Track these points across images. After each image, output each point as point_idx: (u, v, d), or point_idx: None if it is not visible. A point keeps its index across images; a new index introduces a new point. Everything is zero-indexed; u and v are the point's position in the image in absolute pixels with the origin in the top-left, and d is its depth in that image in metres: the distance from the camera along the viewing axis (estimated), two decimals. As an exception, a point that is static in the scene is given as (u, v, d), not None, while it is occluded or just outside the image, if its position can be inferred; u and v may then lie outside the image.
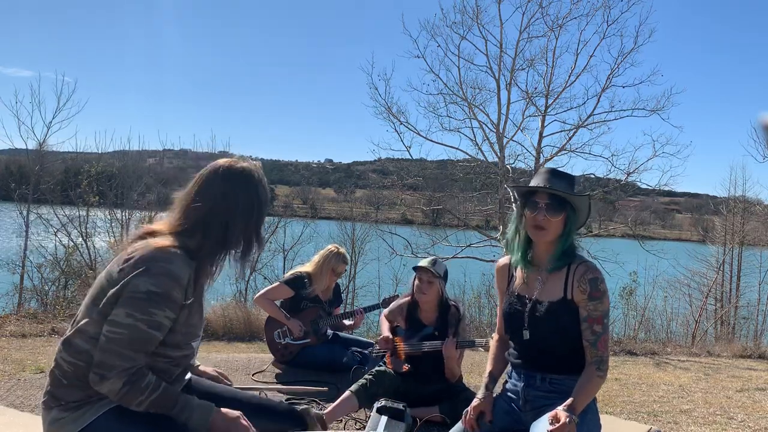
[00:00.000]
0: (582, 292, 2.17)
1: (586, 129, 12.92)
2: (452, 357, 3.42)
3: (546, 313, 2.20)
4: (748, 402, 4.71)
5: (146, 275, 1.64)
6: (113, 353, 1.62)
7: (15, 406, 3.27)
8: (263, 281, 11.02)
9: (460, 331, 3.52)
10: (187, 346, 1.79)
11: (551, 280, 2.23)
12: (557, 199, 2.17)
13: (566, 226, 2.19)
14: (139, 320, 1.62)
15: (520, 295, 2.30)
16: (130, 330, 1.62)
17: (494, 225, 14.13)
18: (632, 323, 10.88)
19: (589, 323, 2.17)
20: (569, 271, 2.21)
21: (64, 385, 1.71)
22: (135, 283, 1.63)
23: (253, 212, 1.82)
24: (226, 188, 1.80)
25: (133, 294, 1.63)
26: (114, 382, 1.61)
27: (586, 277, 2.17)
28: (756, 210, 15.55)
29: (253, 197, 1.83)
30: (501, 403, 2.33)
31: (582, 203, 2.22)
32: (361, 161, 71.28)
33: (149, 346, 1.67)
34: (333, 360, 4.32)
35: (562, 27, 12.55)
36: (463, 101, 12.95)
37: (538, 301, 2.23)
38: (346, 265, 4.56)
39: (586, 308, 2.17)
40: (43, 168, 10.25)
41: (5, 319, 6.26)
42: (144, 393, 1.64)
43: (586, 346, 2.17)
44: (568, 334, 2.19)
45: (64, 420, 1.69)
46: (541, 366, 2.24)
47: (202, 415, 1.73)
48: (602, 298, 2.17)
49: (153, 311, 1.63)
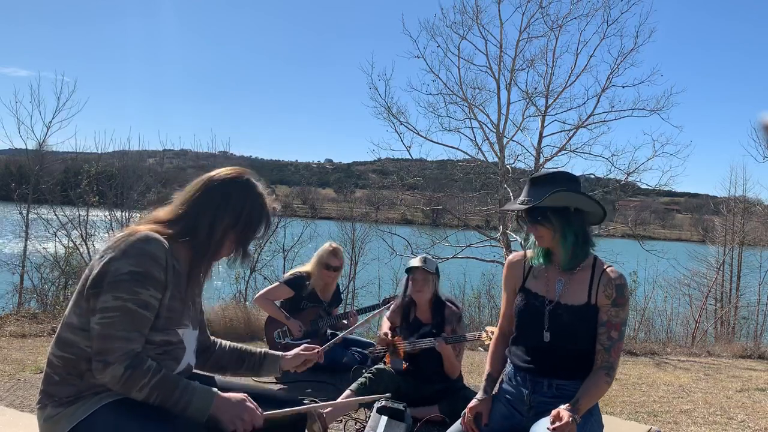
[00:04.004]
0: (607, 297, 2.14)
1: (586, 129, 12.97)
2: (447, 353, 3.43)
3: (570, 317, 2.16)
4: (748, 402, 4.71)
5: (124, 257, 1.66)
6: (111, 338, 1.62)
7: (15, 406, 3.27)
8: (263, 281, 11.02)
9: (458, 329, 3.53)
10: (170, 332, 1.76)
11: (574, 281, 2.19)
12: (533, 211, 2.16)
13: (562, 228, 2.14)
14: (127, 300, 1.63)
15: (537, 294, 2.25)
16: (120, 311, 1.63)
17: (494, 225, 14.14)
18: (632, 323, 10.86)
19: (607, 328, 2.14)
20: (594, 273, 2.18)
21: (56, 381, 1.72)
22: (116, 267, 1.65)
23: (240, 222, 1.84)
24: (225, 191, 1.83)
25: (116, 277, 1.64)
26: (116, 368, 1.61)
27: (614, 282, 2.15)
28: (756, 210, 15.55)
29: (246, 207, 1.84)
30: (499, 407, 2.29)
31: (566, 200, 2.13)
32: (361, 161, 71.24)
33: (143, 327, 1.67)
34: (333, 360, 4.31)
35: (562, 27, 12.60)
36: (463, 101, 12.98)
37: (560, 304, 2.19)
38: (338, 259, 4.51)
39: (608, 313, 2.14)
40: (43, 168, 10.25)
41: (5, 319, 6.26)
42: (146, 376, 1.63)
43: (599, 350, 2.15)
44: (589, 338, 2.17)
45: (58, 416, 1.69)
46: (551, 371, 2.19)
47: (203, 399, 1.70)
48: (625, 305, 2.16)
49: (138, 290, 1.64)
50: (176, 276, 1.77)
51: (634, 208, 17.81)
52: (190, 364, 1.90)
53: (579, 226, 2.17)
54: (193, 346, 1.92)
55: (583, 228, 2.19)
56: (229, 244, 1.86)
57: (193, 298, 1.90)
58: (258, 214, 1.87)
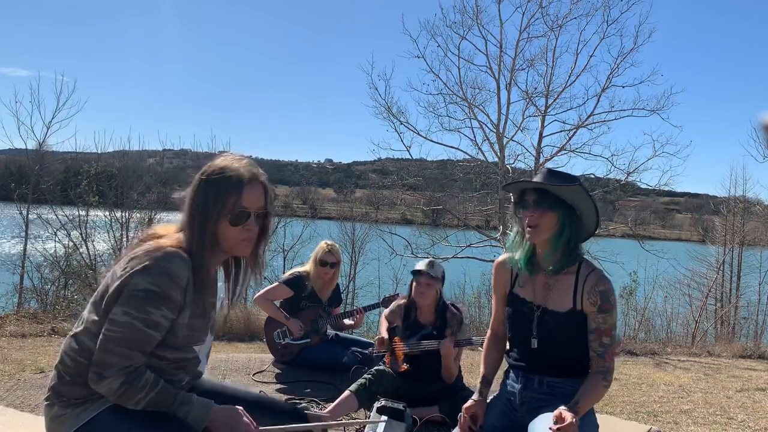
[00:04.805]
0: (592, 304, 2.12)
1: (586, 129, 12.97)
2: (449, 355, 3.42)
3: (556, 324, 2.16)
4: (748, 402, 4.71)
5: (145, 273, 1.64)
6: (110, 352, 1.62)
7: (15, 406, 3.26)
8: (263, 281, 11.01)
9: (460, 332, 3.53)
10: (187, 349, 1.77)
11: (559, 287, 2.17)
12: (546, 195, 2.11)
13: (561, 225, 2.12)
14: (135, 318, 1.62)
15: (525, 301, 2.24)
16: (126, 328, 1.62)
17: (494, 225, 14.14)
18: (632, 323, 10.88)
19: (597, 335, 2.13)
20: (578, 279, 2.15)
21: (66, 381, 1.72)
22: (135, 282, 1.64)
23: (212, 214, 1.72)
24: (206, 187, 1.75)
25: (132, 292, 1.63)
26: (112, 381, 1.61)
27: (596, 289, 2.12)
28: (756, 210, 15.56)
29: (218, 199, 1.73)
30: (498, 404, 2.31)
31: (576, 197, 2.12)
32: (361, 161, 71.27)
33: (146, 346, 1.66)
34: (333, 360, 4.31)
35: (562, 27, 12.60)
36: (463, 101, 12.98)
37: (546, 310, 2.18)
38: (333, 255, 4.50)
39: (595, 320, 2.13)
40: (43, 168, 10.26)
41: (5, 319, 6.25)
42: (142, 391, 1.64)
43: (593, 357, 2.14)
44: (576, 343, 2.16)
45: (65, 417, 1.69)
46: (542, 370, 2.21)
47: (201, 411, 1.72)
48: (612, 311, 2.13)
49: (150, 310, 1.63)
50: (199, 290, 1.73)
51: (634, 208, 17.84)
52: (200, 371, 1.91)
53: (574, 232, 2.15)
54: (206, 352, 1.93)
55: (576, 235, 2.16)
56: (225, 228, 1.73)
57: (212, 304, 1.86)
58: (219, 179, 1.74)
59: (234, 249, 1.79)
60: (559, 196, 2.11)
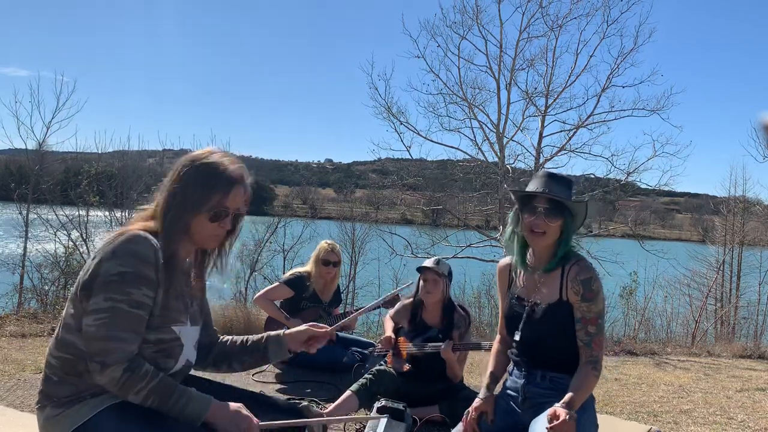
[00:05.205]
0: (575, 293, 2.17)
1: (586, 129, 12.95)
2: (450, 359, 3.42)
3: (543, 316, 2.22)
4: (748, 402, 4.71)
5: (114, 258, 1.65)
6: (105, 339, 1.62)
7: (15, 406, 3.27)
8: (263, 281, 11.02)
9: (465, 335, 3.53)
10: (164, 329, 1.75)
11: (547, 281, 2.24)
12: (556, 204, 2.18)
13: (564, 231, 2.21)
14: (119, 301, 1.63)
15: (519, 297, 2.32)
16: (112, 313, 1.63)
17: (494, 225, 14.13)
18: (632, 323, 10.87)
19: (583, 324, 2.18)
20: (563, 271, 2.22)
21: (54, 382, 1.72)
22: (105, 268, 1.65)
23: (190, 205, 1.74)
24: (195, 175, 1.76)
25: (106, 278, 1.64)
26: (115, 369, 1.61)
27: (578, 278, 2.17)
28: (756, 210, 15.55)
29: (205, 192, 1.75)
30: (501, 403, 2.34)
31: (580, 209, 2.23)
32: (361, 161, 71.38)
33: (137, 326, 1.66)
34: (333, 360, 4.32)
35: (562, 27, 12.59)
36: (463, 101, 12.97)
37: (535, 303, 2.25)
38: (335, 254, 4.53)
39: (580, 309, 2.18)
40: (43, 168, 10.23)
41: (5, 319, 6.25)
42: (143, 380, 1.64)
43: (581, 347, 2.19)
44: (566, 335, 2.20)
45: (59, 417, 1.69)
46: (540, 364, 2.26)
47: (199, 405, 1.71)
48: (595, 299, 2.17)
49: (129, 291, 1.64)
50: (170, 273, 1.75)
51: (634, 208, 17.83)
52: (189, 360, 1.90)
53: (571, 235, 2.25)
54: (193, 342, 1.91)
55: (571, 237, 2.26)
56: (201, 221, 1.75)
57: (188, 293, 1.87)
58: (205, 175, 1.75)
59: (202, 242, 1.83)
60: (569, 208, 2.20)
